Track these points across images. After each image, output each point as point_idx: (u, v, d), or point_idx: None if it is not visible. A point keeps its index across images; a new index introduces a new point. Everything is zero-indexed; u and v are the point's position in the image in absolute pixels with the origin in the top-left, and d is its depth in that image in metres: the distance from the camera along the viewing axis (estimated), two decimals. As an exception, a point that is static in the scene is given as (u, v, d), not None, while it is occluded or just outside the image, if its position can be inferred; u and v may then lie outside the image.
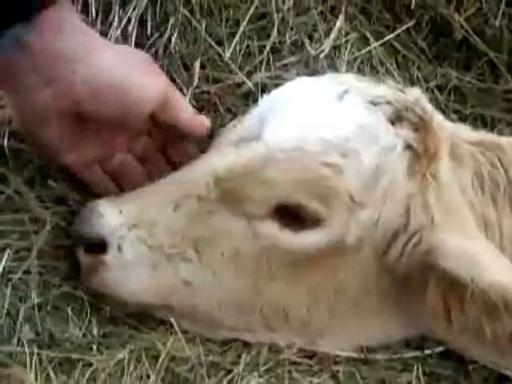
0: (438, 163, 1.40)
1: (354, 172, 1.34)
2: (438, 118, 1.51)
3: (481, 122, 1.91)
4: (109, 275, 1.39)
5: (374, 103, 1.41)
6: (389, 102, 1.41)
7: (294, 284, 1.39)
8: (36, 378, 1.33)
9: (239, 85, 1.71)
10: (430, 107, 1.48)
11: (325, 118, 1.39)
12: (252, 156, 1.37)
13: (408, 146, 1.39)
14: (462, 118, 1.89)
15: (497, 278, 1.30)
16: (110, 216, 1.38)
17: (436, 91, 1.90)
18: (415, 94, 1.49)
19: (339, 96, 1.42)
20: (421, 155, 1.39)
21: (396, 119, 1.40)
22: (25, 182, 1.56)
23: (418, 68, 1.90)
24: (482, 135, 1.57)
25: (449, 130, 1.49)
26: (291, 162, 1.35)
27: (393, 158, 1.37)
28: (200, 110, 1.67)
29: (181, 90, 1.66)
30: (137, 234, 1.38)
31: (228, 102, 1.70)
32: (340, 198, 1.34)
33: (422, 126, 1.41)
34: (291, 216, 1.36)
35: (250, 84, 1.67)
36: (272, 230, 1.36)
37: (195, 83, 1.69)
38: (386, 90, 1.46)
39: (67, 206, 1.57)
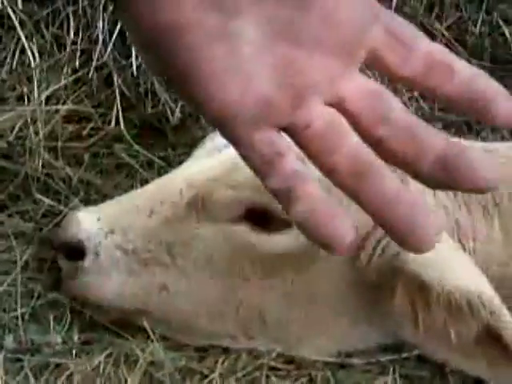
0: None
1: (318, 174, 1.36)
2: None
3: (466, 129, 1.92)
4: (87, 280, 1.42)
5: None
6: None
7: (267, 287, 1.42)
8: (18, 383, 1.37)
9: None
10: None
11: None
12: (221, 161, 1.41)
13: None
14: (447, 126, 1.91)
15: (462, 281, 1.31)
16: (87, 222, 1.42)
17: (420, 100, 1.92)
18: None
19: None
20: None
21: None
22: (10, 197, 1.61)
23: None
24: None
25: None
26: None
27: None
28: (183, 122, 1.71)
29: (168, 103, 1.69)
30: (113, 240, 1.41)
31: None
32: None
33: None
34: (261, 219, 1.38)
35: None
36: (242, 234, 1.39)
37: (181, 96, 1.72)
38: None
39: (53, 220, 1.61)
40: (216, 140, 1.52)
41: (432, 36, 1.92)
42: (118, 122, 1.72)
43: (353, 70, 0.66)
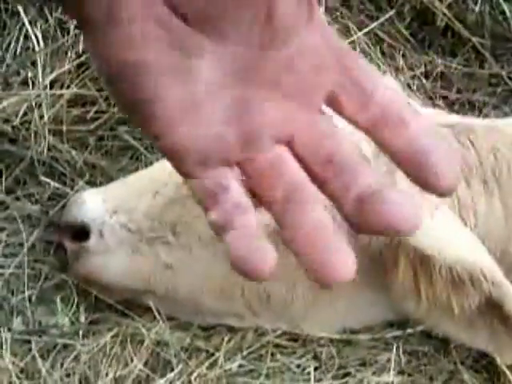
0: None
1: None
2: (411, 103, 1.53)
3: (468, 106, 1.93)
4: (91, 260, 1.44)
5: None
6: None
7: (272, 265, 1.43)
8: (26, 365, 1.39)
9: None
10: (402, 93, 1.50)
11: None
12: None
13: None
14: (450, 104, 1.92)
15: (463, 254, 1.32)
16: (92, 203, 1.44)
17: (422, 78, 1.92)
18: (389, 80, 1.52)
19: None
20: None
21: None
22: (16, 181, 1.62)
23: (403, 56, 1.92)
24: (455, 118, 1.59)
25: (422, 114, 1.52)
26: None
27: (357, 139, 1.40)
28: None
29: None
30: (117, 220, 1.43)
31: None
32: None
33: None
34: None
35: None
36: None
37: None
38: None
39: (59, 202, 1.62)
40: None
41: (432, 14, 1.92)
42: (121, 105, 1.72)
43: (310, 111, 0.66)
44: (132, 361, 1.40)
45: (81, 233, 1.45)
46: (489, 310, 1.34)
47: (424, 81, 1.92)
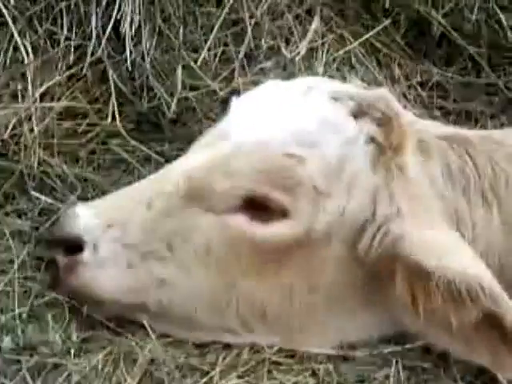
0: (403, 156, 1.41)
1: (317, 162, 1.37)
2: (406, 114, 1.52)
3: (465, 116, 1.91)
4: (85, 274, 1.42)
5: (336, 98, 1.43)
6: (351, 98, 1.44)
7: (267, 278, 1.41)
8: (14, 385, 1.35)
9: (216, 91, 1.73)
10: (395, 105, 1.48)
11: (288, 112, 1.42)
12: (218, 152, 1.41)
13: (371, 139, 1.41)
14: (446, 114, 1.90)
15: (461, 268, 1.30)
16: (86, 217, 1.42)
17: (418, 88, 1.90)
18: (381, 92, 1.50)
19: (303, 93, 1.45)
20: (385, 148, 1.40)
21: (358, 114, 1.42)
22: (6, 196, 1.59)
23: (399, 66, 1.91)
24: (452, 130, 1.58)
25: (417, 126, 1.50)
26: (255, 155, 1.38)
27: (356, 150, 1.39)
28: (179, 116, 1.69)
29: (163, 97, 1.68)
30: (112, 234, 1.41)
31: (206, 108, 1.72)
32: (304, 188, 1.36)
33: (385, 121, 1.42)
34: (259, 208, 1.38)
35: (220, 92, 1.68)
36: (240, 223, 1.39)
37: (179, 89, 1.71)
38: (349, 87, 1.49)
39: (49, 218, 1.59)
40: (213, 132, 1.51)
41: (428, 24, 1.90)
42: (114, 118, 1.70)
43: None
44: (125, 380, 1.37)
45: (74, 247, 1.42)
46: (487, 325, 1.32)
47: (420, 90, 1.90)
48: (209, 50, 1.71)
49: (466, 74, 1.93)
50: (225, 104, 1.69)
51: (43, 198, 1.61)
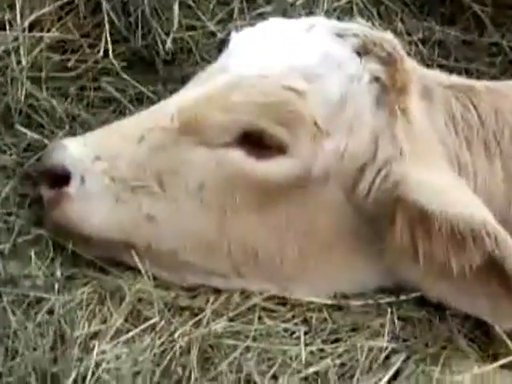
0: (407, 98, 1.37)
1: (318, 98, 1.32)
2: (411, 62, 1.48)
3: (466, 76, 1.86)
4: (71, 207, 1.36)
5: (340, 35, 1.39)
6: (356, 35, 1.40)
7: (261, 219, 1.36)
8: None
9: (213, 33, 1.68)
10: (401, 49, 1.44)
11: (290, 46, 1.37)
12: (216, 85, 1.36)
13: (375, 79, 1.36)
14: (447, 73, 1.85)
15: (465, 210, 1.26)
16: (73, 148, 1.36)
17: (420, 45, 1.87)
18: (387, 34, 1.46)
19: (306, 29, 1.41)
20: (388, 88, 1.36)
21: (363, 51, 1.38)
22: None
23: (402, 21, 1.87)
24: (457, 79, 1.54)
25: (422, 73, 1.47)
26: (254, 88, 1.33)
27: (359, 87, 1.35)
28: (174, 57, 1.64)
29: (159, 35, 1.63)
30: (100, 166, 1.35)
31: (202, 49, 1.67)
32: (304, 124, 1.31)
33: (390, 61, 1.38)
34: (256, 144, 1.33)
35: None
36: (237, 158, 1.34)
37: (176, 26, 1.65)
38: (355, 25, 1.45)
39: (35, 154, 1.53)
40: (210, 70, 1.46)
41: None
42: (106, 54, 1.64)
43: None
44: (112, 315, 1.31)
45: (60, 180, 1.36)
46: (488, 271, 1.28)
47: (421, 47, 1.87)
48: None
49: (468, 32, 1.90)
50: (221, 46, 1.65)
51: (29, 133, 1.55)
